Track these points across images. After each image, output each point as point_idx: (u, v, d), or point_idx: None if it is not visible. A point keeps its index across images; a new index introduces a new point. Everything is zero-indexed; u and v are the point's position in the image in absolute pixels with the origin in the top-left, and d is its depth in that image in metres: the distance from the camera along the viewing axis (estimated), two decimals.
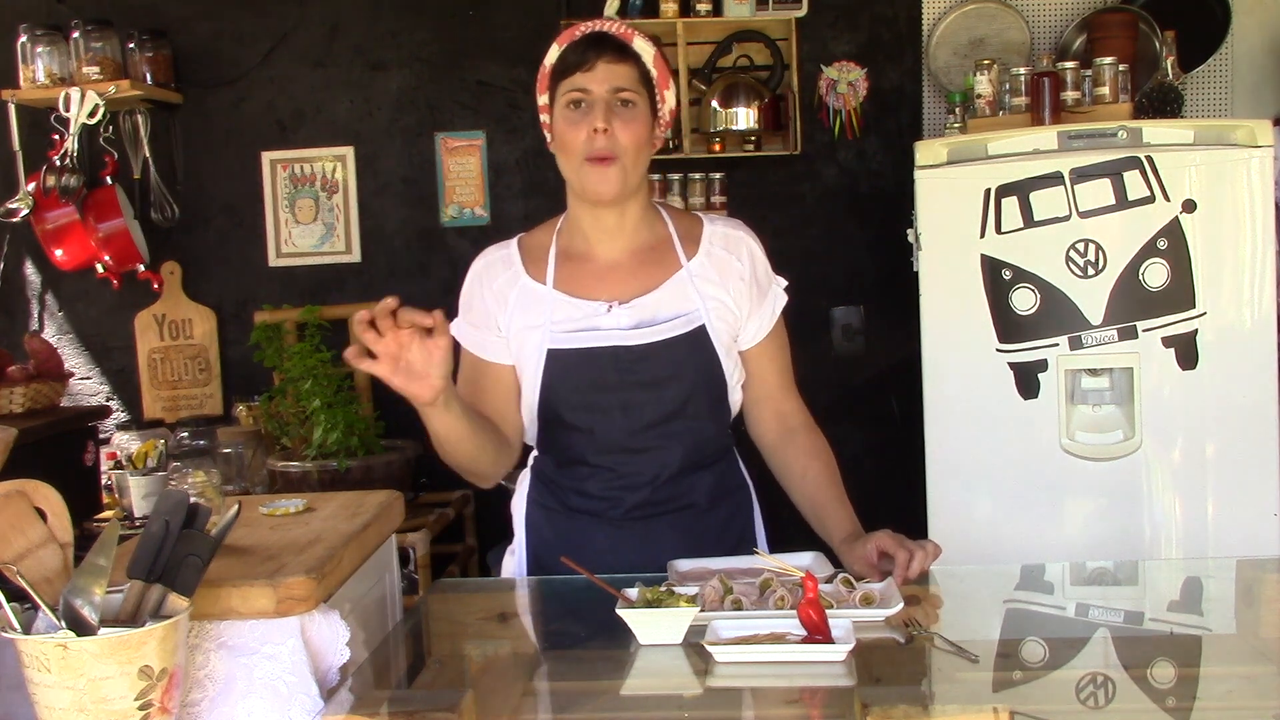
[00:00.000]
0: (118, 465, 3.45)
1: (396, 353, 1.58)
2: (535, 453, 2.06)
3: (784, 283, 2.04)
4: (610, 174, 1.84)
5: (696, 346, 1.90)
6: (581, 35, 1.88)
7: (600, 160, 1.83)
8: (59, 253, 3.75)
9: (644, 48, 1.90)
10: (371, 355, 1.58)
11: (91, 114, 3.58)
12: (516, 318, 1.93)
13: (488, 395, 1.95)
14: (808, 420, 2.06)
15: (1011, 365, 2.97)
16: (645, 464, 1.92)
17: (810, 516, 1.98)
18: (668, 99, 1.93)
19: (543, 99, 1.93)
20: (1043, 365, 2.95)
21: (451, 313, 2.05)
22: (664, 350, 1.89)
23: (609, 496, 1.94)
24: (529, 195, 3.90)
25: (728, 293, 1.94)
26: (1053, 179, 2.91)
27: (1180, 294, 2.89)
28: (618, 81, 1.84)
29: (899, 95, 3.85)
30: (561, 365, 1.89)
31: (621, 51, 1.86)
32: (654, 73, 1.90)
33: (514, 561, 2.06)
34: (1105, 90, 3.13)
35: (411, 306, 1.56)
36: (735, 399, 2.01)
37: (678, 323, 1.90)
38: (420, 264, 3.93)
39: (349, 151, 3.92)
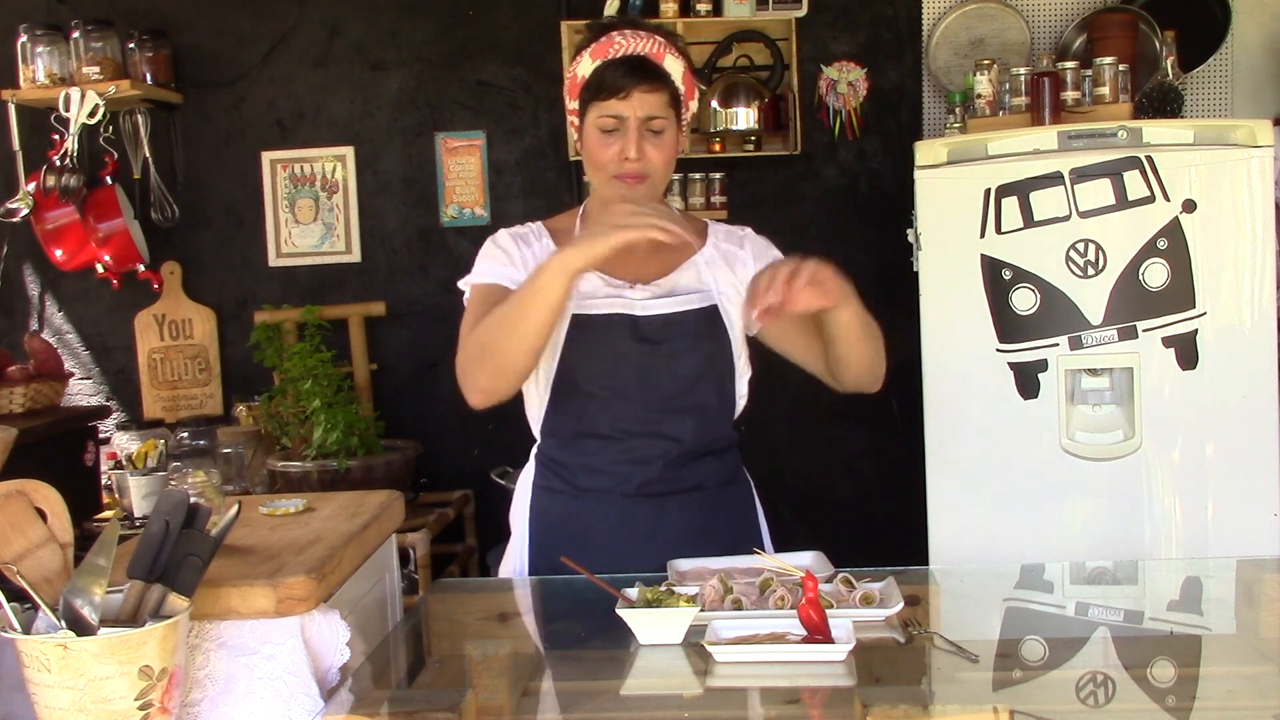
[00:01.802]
0: (118, 465, 3.45)
1: None
2: (539, 440, 2.07)
3: None
4: (638, 192, 1.92)
5: (710, 322, 1.98)
6: (619, 57, 1.90)
7: (630, 178, 1.91)
8: (59, 253, 3.75)
9: (674, 66, 1.94)
10: None
11: (91, 114, 3.57)
12: None
13: None
14: None
15: (1011, 365, 2.97)
16: (656, 441, 1.95)
17: (835, 346, 1.94)
18: (691, 106, 2.02)
19: (572, 104, 1.99)
20: (1043, 365, 2.95)
21: (455, 309, 2.06)
22: (681, 322, 1.96)
23: (619, 472, 1.96)
24: (529, 195, 3.90)
25: (736, 276, 2.02)
26: (1053, 179, 2.91)
27: (1180, 294, 2.88)
28: (650, 110, 1.90)
29: (899, 95, 3.85)
30: (584, 331, 1.94)
31: (656, 78, 1.91)
32: (682, 89, 1.96)
33: (513, 557, 2.07)
34: (1105, 90, 3.13)
35: None
36: (741, 392, 2.04)
37: (694, 298, 1.99)
38: (420, 264, 3.93)
39: (349, 151, 3.92)
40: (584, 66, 1.94)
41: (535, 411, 2.03)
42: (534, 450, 2.09)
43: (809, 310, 1.78)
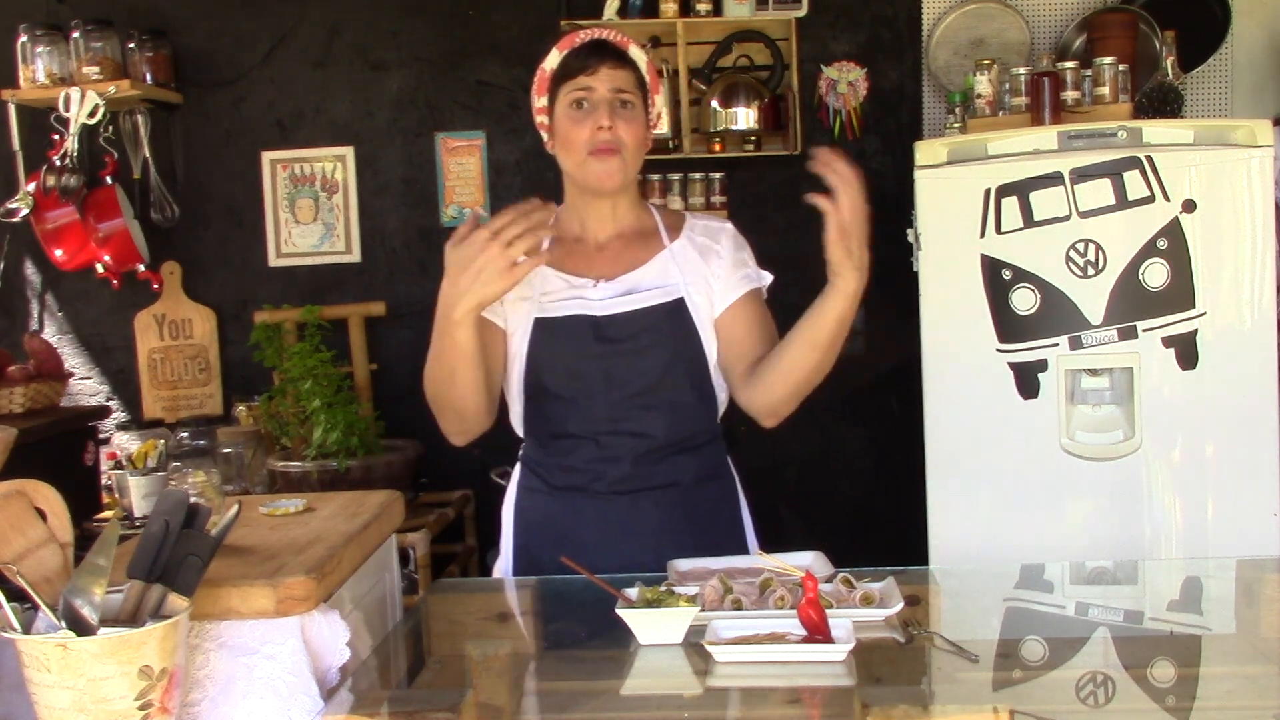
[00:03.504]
0: (118, 465, 3.45)
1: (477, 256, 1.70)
2: (523, 442, 2.10)
3: (769, 276, 2.08)
4: (613, 165, 1.94)
5: (675, 318, 1.98)
6: (583, 42, 1.97)
7: (604, 152, 1.93)
8: (59, 253, 3.75)
9: (638, 55, 2.00)
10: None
11: (91, 114, 3.58)
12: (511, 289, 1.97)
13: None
14: None
15: (1011, 365, 2.97)
16: (628, 437, 1.97)
17: (797, 334, 1.90)
18: (657, 103, 2.05)
19: (541, 101, 2.01)
20: (1043, 365, 2.95)
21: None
22: (643, 319, 1.97)
23: (592, 470, 1.98)
24: (529, 195, 3.89)
25: (708, 267, 2.03)
26: (1053, 179, 2.91)
27: (1180, 294, 2.88)
28: (618, 83, 1.95)
29: (899, 95, 3.85)
30: (547, 333, 1.96)
31: (621, 58, 1.97)
32: (648, 78, 2.02)
33: (502, 558, 2.09)
34: (1105, 90, 3.13)
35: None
36: (721, 384, 2.05)
37: (657, 293, 1.99)
38: (420, 264, 3.93)
39: (349, 151, 3.92)
40: (550, 60, 1.98)
41: (516, 413, 2.06)
42: (520, 451, 2.12)
43: (833, 247, 1.77)
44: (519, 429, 2.08)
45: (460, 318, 1.75)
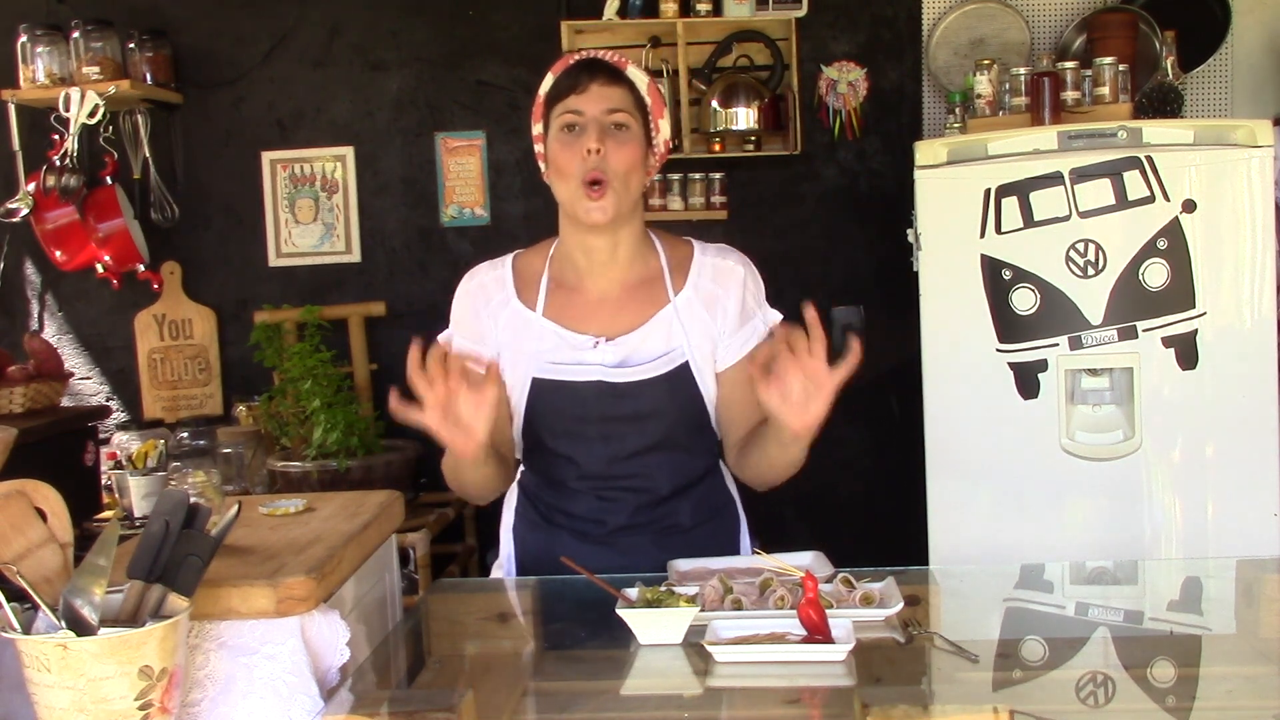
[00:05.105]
0: (118, 465, 3.44)
1: (445, 401, 1.64)
2: (522, 468, 2.07)
3: (777, 315, 1.99)
4: (604, 203, 1.84)
5: (679, 384, 1.92)
6: (575, 61, 1.89)
7: (594, 186, 1.83)
8: (59, 253, 3.75)
9: (637, 75, 1.91)
10: (420, 407, 1.65)
11: (91, 114, 3.58)
12: (506, 339, 1.95)
13: None
14: None
15: (1011, 365, 2.97)
16: (627, 491, 1.95)
17: (768, 449, 1.87)
18: (662, 129, 1.93)
19: (537, 128, 1.94)
20: (1043, 365, 2.95)
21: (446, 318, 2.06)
22: (646, 388, 1.90)
23: (592, 518, 1.96)
24: (529, 195, 3.90)
25: (714, 320, 1.94)
26: (1053, 179, 2.91)
27: (1180, 294, 2.88)
28: (611, 103, 1.85)
29: (899, 95, 3.85)
30: (546, 394, 1.91)
31: (614, 76, 1.87)
32: (648, 100, 1.91)
33: (502, 573, 2.07)
34: (1105, 90, 3.13)
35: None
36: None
37: (660, 361, 1.91)
38: (420, 264, 3.93)
39: (349, 151, 3.92)
40: (545, 84, 1.92)
41: (515, 440, 2.02)
42: (518, 474, 2.08)
43: (774, 414, 1.70)
44: (517, 454, 2.05)
45: (458, 457, 1.75)
